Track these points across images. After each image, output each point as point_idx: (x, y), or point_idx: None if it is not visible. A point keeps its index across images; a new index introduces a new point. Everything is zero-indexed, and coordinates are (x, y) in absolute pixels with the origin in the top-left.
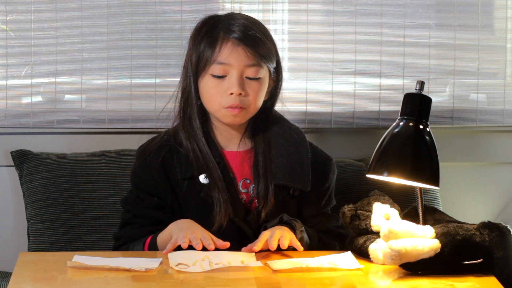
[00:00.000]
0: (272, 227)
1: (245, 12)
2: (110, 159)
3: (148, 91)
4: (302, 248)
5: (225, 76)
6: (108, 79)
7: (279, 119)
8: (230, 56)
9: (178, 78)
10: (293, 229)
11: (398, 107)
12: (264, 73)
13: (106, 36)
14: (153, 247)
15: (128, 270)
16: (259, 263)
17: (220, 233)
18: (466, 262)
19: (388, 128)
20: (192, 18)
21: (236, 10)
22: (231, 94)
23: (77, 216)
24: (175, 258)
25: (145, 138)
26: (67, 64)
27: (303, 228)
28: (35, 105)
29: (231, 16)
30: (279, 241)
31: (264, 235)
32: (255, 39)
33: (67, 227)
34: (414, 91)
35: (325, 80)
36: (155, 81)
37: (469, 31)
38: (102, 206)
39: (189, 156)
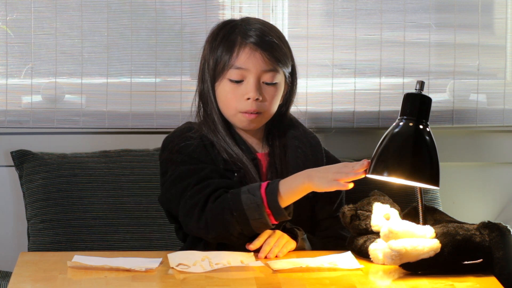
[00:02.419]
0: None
1: (245, 12)
2: (110, 159)
3: (148, 91)
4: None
5: (242, 81)
6: (108, 79)
7: (295, 123)
8: (248, 61)
9: (178, 78)
10: (294, 236)
11: (398, 107)
12: (280, 78)
13: (106, 36)
14: (273, 193)
15: (128, 270)
16: (259, 263)
17: None
18: (466, 262)
19: (388, 128)
20: (192, 18)
21: (236, 10)
22: (248, 99)
23: (77, 216)
24: (175, 258)
25: (145, 138)
26: (67, 64)
27: (304, 236)
28: (35, 105)
29: (247, 21)
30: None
31: (264, 235)
32: (272, 44)
33: (67, 227)
34: (414, 91)
35: (325, 80)
36: (155, 81)
37: (469, 31)
38: (102, 206)
39: (221, 154)
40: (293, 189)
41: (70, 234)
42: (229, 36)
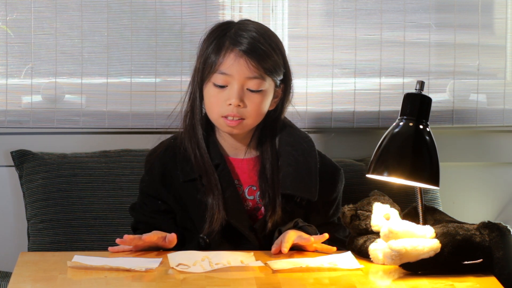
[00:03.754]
0: (289, 230)
1: (245, 12)
2: (110, 159)
3: (148, 91)
4: (334, 249)
5: (226, 86)
6: (108, 79)
7: (289, 126)
8: (232, 67)
9: (178, 78)
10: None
11: (398, 107)
12: (267, 85)
13: (106, 36)
14: None
15: (128, 270)
16: (259, 263)
17: (216, 237)
18: (466, 262)
19: (388, 128)
20: (192, 18)
21: (236, 10)
22: (230, 104)
23: (77, 216)
24: (175, 258)
25: (145, 138)
26: (67, 64)
27: (318, 234)
28: (35, 105)
29: (242, 26)
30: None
31: (291, 236)
32: (259, 52)
33: (67, 227)
34: (414, 91)
35: (325, 80)
36: (155, 81)
37: (469, 31)
38: (102, 206)
39: (191, 160)
40: None
41: (70, 234)
42: (219, 39)
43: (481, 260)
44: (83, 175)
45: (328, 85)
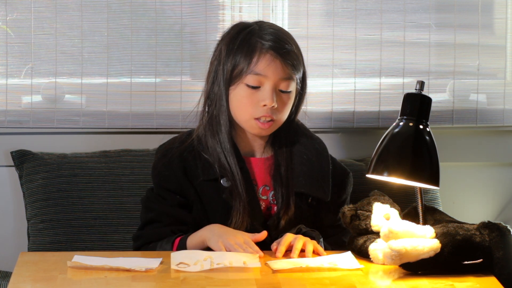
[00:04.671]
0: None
1: (245, 12)
2: (110, 159)
3: (148, 91)
4: (325, 253)
5: (259, 87)
6: (108, 79)
7: (302, 128)
8: (267, 68)
9: (178, 78)
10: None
11: (398, 107)
12: (294, 85)
13: (106, 36)
14: (182, 249)
15: (128, 270)
16: (258, 263)
17: None
18: (466, 262)
19: (388, 128)
20: (192, 18)
21: (236, 10)
22: (264, 105)
23: (77, 216)
24: (177, 257)
25: (145, 138)
26: (67, 64)
27: (321, 239)
28: (35, 105)
29: (264, 26)
30: (303, 245)
31: (287, 239)
32: (291, 53)
33: (67, 227)
34: (414, 91)
35: (325, 80)
36: (155, 81)
37: (469, 31)
38: (102, 206)
39: (211, 160)
40: (196, 242)
41: (70, 234)
42: (248, 41)
43: (481, 260)
44: (83, 175)
45: (328, 85)
